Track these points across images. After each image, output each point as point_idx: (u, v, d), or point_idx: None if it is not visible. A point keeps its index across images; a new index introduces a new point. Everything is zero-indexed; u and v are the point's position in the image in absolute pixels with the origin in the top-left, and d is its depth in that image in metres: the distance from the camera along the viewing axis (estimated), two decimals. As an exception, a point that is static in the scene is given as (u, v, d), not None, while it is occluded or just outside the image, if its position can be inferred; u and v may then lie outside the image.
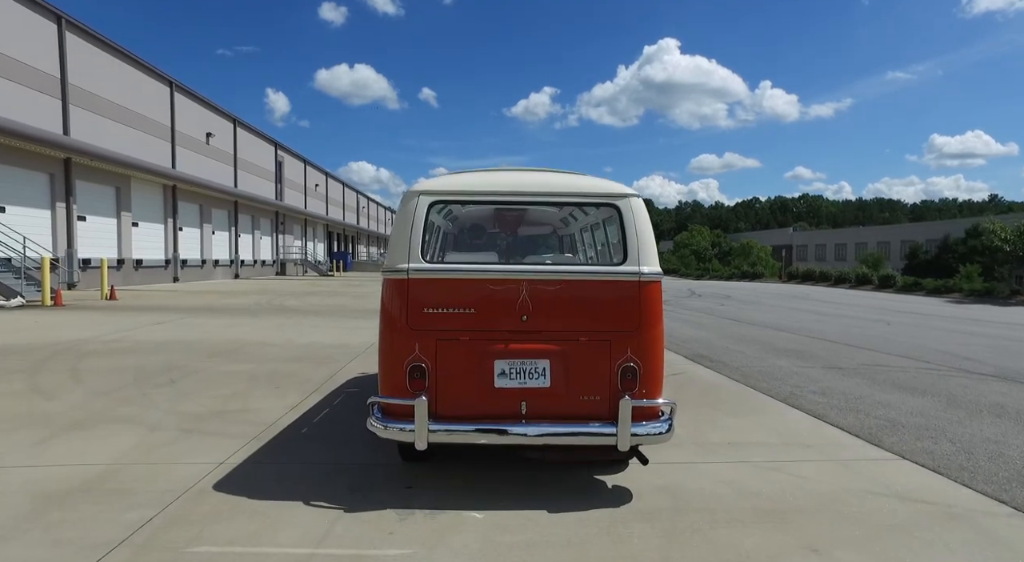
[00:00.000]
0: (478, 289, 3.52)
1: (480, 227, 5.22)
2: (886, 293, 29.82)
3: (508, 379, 3.46)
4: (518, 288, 3.50)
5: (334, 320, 13.05)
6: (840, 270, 38.24)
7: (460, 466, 4.02)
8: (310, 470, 3.96)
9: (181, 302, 17.12)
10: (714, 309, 18.02)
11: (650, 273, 3.57)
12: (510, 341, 3.48)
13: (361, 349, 8.85)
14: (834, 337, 11.41)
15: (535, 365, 3.48)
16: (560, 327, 3.52)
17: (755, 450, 4.50)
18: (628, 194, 3.73)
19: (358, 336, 10.21)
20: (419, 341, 3.48)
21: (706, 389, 6.61)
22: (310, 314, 14.32)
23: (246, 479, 3.76)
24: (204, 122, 33.11)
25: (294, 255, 47.26)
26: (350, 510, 3.31)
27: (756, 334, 11.81)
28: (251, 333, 10.52)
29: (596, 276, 3.61)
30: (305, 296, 20.68)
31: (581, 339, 3.50)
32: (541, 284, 3.52)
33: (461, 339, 3.49)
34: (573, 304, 3.53)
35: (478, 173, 4.12)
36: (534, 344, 3.49)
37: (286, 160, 47.86)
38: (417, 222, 3.59)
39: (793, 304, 20.84)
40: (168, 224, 28.98)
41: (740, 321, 14.47)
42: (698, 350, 9.57)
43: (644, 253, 3.57)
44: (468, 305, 3.51)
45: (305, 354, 8.41)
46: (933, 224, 79.82)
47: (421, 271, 3.53)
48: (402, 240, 3.57)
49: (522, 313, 3.50)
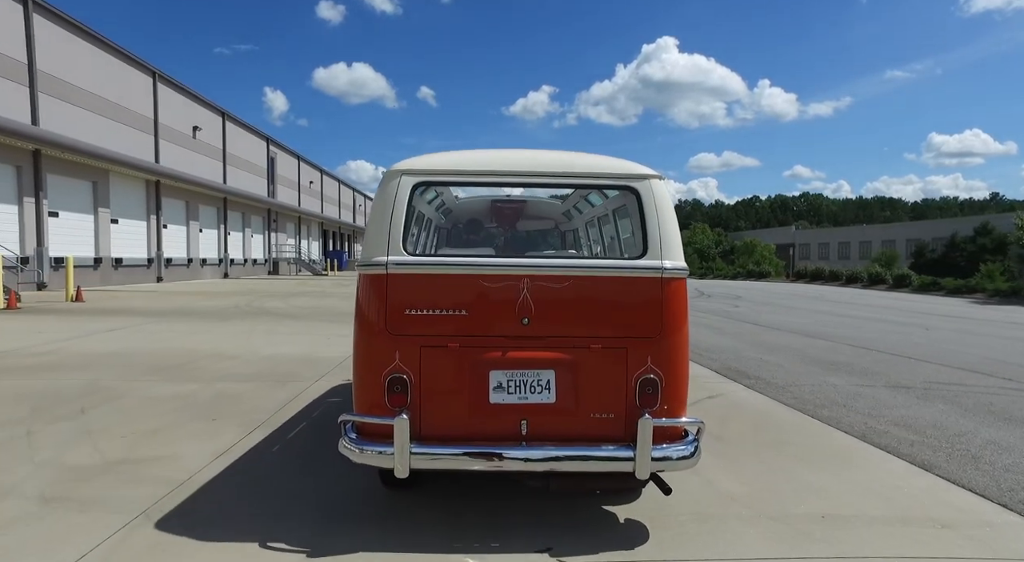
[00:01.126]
0: (471, 287, 2.93)
1: (476, 222, 4.60)
2: (901, 293, 28.51)
3: (506, 393, 2.90)
4: (518, 286, 2.92)
5: (312, 325, 11.71)
6: (851, 269, 36.90)
7: (450, 496, 3.41)
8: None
9: (153, 304, 15.77)
10: (729, 311, 16.69)
11: (674, 269, 2.98)
12: (508, 348, 2.92)
13: (333, 363, 7.51)
14: (875, 345, 10.08)
15: (538, 377, 2.92)
16: (568, 332, 2.94)
17: (868, 534, 3.06)
18: (649, 175, 3.11)
19: (334, 346, 8.87)
20: (400, 349, 2.90)
21: (758, 420, 5.27)
22: (288, 318, 12.97)
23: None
24: (191, 115, 31.73)
25: (288, 254, 45.88)
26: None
27: (786, 341, 10.47)
28: (212, 342, 9.18)
29: (611, 272, 3.01)
30: (290, 297, 19.34)
31: (592, 346, 2.93)
32: (545, 281, 2.93)
33: (450, 346, 2.91)
34: (583, 305, 2.95)
35: (471, 151, 3.34)
36: (537, 352, 2.92)
37: (279, 156, 46.48)
38: (399, 207, 2.99)
39: (811, 305, 19.51)
40: (151, 221, 27.62)
41: (762, 325, 13.13)
42: (728, 362, 8.24)
43: (668, 245, 3.00)
44: (458, 306, 2.94)
45: (265, 370, 7.07)
46: (939, 222, 78.53)
47: (402, 265, 2.93)
48: (381, 228, 2.96)
49: (523, 315, 2.92)
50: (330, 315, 13.80)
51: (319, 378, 6.62)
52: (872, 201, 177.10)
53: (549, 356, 2.90)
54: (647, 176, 3.09)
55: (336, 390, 6.04)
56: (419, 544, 2.84)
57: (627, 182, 3.12)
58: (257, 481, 3.66)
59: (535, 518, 3.14)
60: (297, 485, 3.58)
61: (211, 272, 33.90)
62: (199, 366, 7.22)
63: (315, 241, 56.12)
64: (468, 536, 2.92)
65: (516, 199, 4.24)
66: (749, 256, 62.49)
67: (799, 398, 6.09)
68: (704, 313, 16.01)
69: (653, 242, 2.98)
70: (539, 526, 3.05)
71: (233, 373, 6.83)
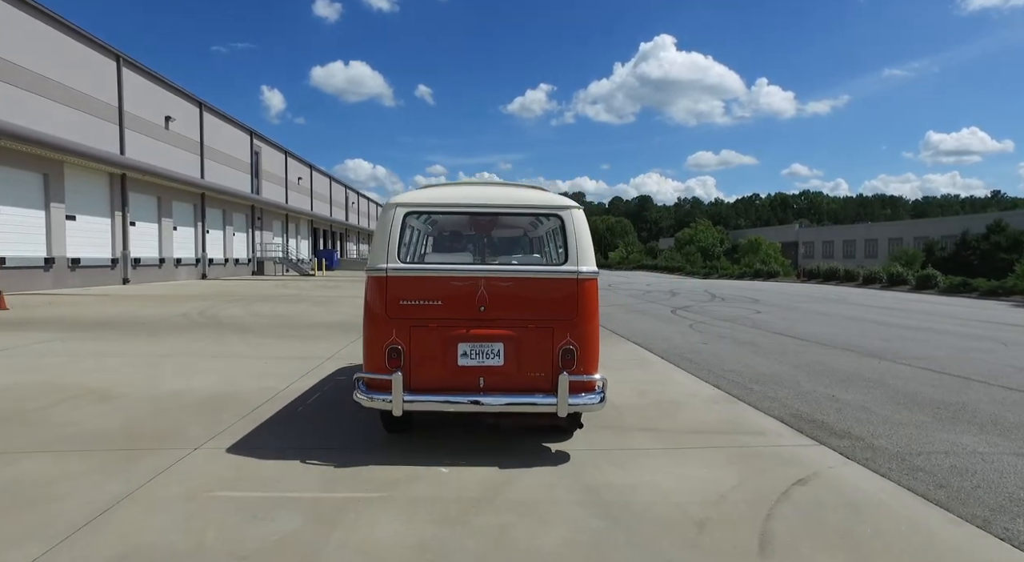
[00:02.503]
0: (444, 285, 4.16)
1: (458, 232, 5.68)
2: (927, 295, 26.39)
3: (469, 359, 4.14)
4: (477, 284, 4.15)
5: (259, 342, 9.56)
6: (869, 269, 34.69)
7: (431, 436, 4.67)
8: None
9: (89, 312, 13.59)
10: (752, 319, 14.54)
11: (587, 272, 4.19)
12: (470, 327, 4.14)
13: (248, 407, 5.37)
14: (966, 371, 7.93)
15: (491, 347, 4.15)
16: (512, 316, 4.15)
17: None
18: (569, 206, 4.38)
19: (267, 375, 6.74)
20: (396, 328, 4.12)
21: (912, 549, 3.09)
22: (236, 331, 10.81)
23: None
24: (163, 104, 29.51)
25: (274, 253, 43.64)
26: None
27: (851, 365, 8.32)
28: (109, 370, 7.02)
29: (541, 274, 4.27)
30: (257, 302, 17.16)
31: (529, 326, 4.16)
32: (495, 281, 4.17)
33: (430, 326, 4.14)
34: (523, 297, 4.17)
35: (447, 187, 4.85)
36: (490, 330, 4.14)
37: (264, 151, 44.25)
38: (394, 229, 4.21)
39: (840, 310, 17.36)
40: (116, 218, 25.40)
41: (803, 339, 10.99)
42: (792, 403, 6.07)
43: (583, 255, 4.19)
44: (436, 298, 4.16)
45: (135, 423, 4.91)
46: (947, 220, 76.42)
47: (398, 270, 4.17)
48: (382, 244, 4.20)
49: (480, 304, 4.14)
50: (291, 326, 11.64)
51: (205, 441, 4.45)
52: (873, 199, 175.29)
53: (499, 333, 4.15)
54: (568, 207, 4.38)
55: (227, 471, 3.88)
56: (409, 461, 4.10)
57: (554, 211, 4.42)
58: None
59: (490, 448, 4.45)
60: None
61: (187, 273, 31.72)
62: (47, 414, 5.07)
63: (304, 240, 53.92)
64: (443, 457, 4.20)
65: (499, 209, 4.73)
66: (755, 255, 60.35)
67: (948, 486, 3.90)
68: (725, 322, 13.86)
69: (572, 253, 4.22)
70: (492, 453, 4.31)
71: (80, 430, 4.66)
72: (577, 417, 4.53)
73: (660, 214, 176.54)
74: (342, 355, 8.35)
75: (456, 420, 4.92)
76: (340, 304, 17.12)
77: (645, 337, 10.96)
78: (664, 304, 19.06)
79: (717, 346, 9.99)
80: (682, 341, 10.51)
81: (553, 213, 4.41)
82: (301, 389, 6.24)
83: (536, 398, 4.09)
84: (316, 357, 8.15)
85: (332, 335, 10.38)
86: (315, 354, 8.41)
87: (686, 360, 8.49)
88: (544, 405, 4.05)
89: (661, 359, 8.59)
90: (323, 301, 18.10)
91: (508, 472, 3.93)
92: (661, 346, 9.83)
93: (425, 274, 4.21)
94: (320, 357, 8.17)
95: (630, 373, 7.40)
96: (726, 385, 6.83)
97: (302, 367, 7.40)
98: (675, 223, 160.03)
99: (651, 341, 10.42)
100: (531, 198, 4.51)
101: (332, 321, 12.67)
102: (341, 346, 9.12)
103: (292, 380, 6.64)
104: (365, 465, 4.00)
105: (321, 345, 9.21)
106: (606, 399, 4.14)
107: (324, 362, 7.80)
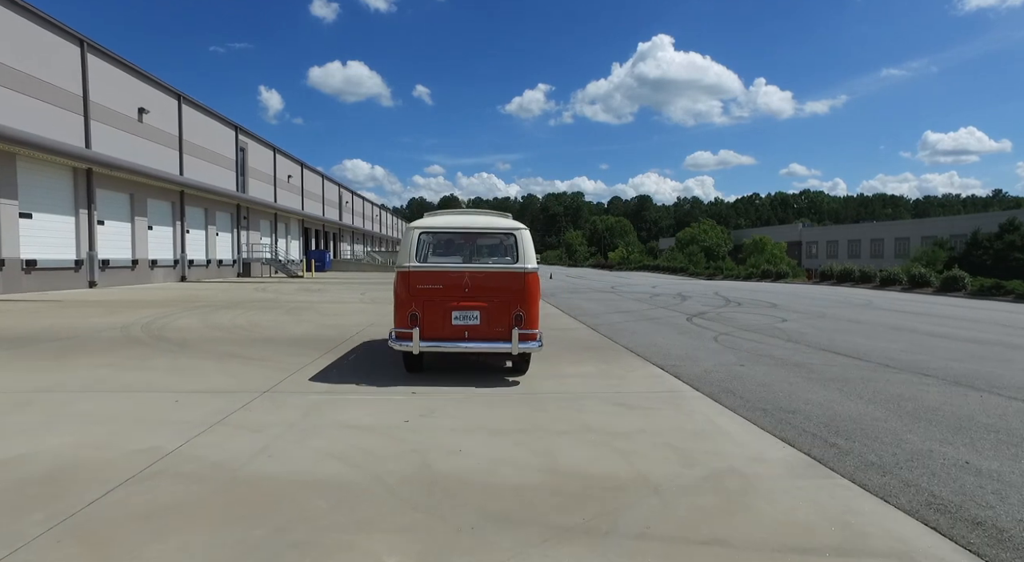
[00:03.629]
0: (443, 276, 6.72)
1: (451, 241, 7.46)
2: (955, 298, 24.52)
3: (459, 320, 6.63)
4: (463, 275, 6.71)
5: (192, 364, 7.63)
6: (887, 269, 32.73)
7: (432, 372, 7.38)
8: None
9: (13, 324, 11.65)
10: (783, 329, 12.64)
11: (531, 268, 6.72)
12: (459, 301, 6.63)
13: (89, 496, 3.45)
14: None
15: (472, 313, 6.64)
16: (485, 294, 6.67)
17: None
18: (520, 228, 6.95)
19: (169, 424, 4.83)
20: (414, 301, 6.62)
21: None
22: (171, 350, 8.88)
23: None
24: (135, 95, 27.55)
25: (262, 254, 41.63)
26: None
27: (944, 400, 6.40)
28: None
29: (501, 269, 6.80)
30: (222, 310, 15.22)
31: (495, 300, 6.66)
32: (474, 273, 6.74)
33: (435, 300, 6.64)
34: (492, 283, 6.70)
35: (446, 216, 7.48)
36: (472, 303, 6.64)
37: (250, 147, 42.28)
38: (413, 242, 6.81)
39: (873, 317, 15.45)
40: (81, 216, 23.45)
41: (855, 358, 9.08)
42: (914, 476, 4.12)
43: (528, 258, 6.75)
44: (438, 283, 6.69)
45: None
46: (956, 218, 74.41)
47: (416, 267, 6.72)
48: (406, 251, 6.79)
49: (465, 288, 6.67)
50: (243, 342, 9.71)
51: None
52: (873, 199, 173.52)
53: (477, 304, 6.62)
54: (519, 228, 6.92)
55: None
56: (417, 385, 6.62)
57: (510, 231, 6.95)
58: None
59: (469, 379, 6.96)
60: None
61: (165, 275, 29.78)
62: None
63: (295, 240, 51.96)
64: (440, 384, 6.69)
65: (476, 230, 7.31)
66: (760, 255, 58.43)
67: None
68: (753, 333, 11.94)
69: (520, 257, 6.75)
70: (471, 378, 6.99)
71: None
72: (527, 357, 7.20)
73: (660, 214, 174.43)
74: (283, 388, 6.43)
75: (451, 362, 7.98)
76: (314, 312, 15.18)
77: (667, 356, 9.05)
78: (676, 310, 17.16)
79: (758, 369, 8.08)
80: (714, 362, 8.60)
81: (509, 232, 6.97)
82: (194, 454, 4.33)
83: (500, 344, 6.65)
84: (248, 390, 6.24)
85: (284, 355, 8.46)
86: (249, 385, 6.49)
87: (728, 393, 6.58)
88: (504, 348, 6.64)
89: (695, 391, 6.67)
90: (297, 308, 16.17)
91: (480, 390, 6.46)
92: (690, 370, 7.92)
93: (431, 269, 6.77)
94: (253, 390, 6.25)
95: (661, 417, 5.50)
96: (800, 438, 4.92)
97: (220, 408, 5.49)
98: (675, 223, 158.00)
99: (676, 363, 8.51)
100: (496, 223, 7.21)
101: (294, 335, 10.75)
102: (288, 373, 7.20)
103: (191, 434, 4.73)
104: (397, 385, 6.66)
105: (262, 373, 7.28)
106: (543, 344, 6.91)
107: (254, 399, 5.89)
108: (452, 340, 6.64)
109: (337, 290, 25.17)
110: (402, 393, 6.23)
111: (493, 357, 7.95)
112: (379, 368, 7.59)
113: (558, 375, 7.37)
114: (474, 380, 6.89)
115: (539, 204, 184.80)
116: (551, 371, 7.58)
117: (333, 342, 9.82)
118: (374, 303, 18.30)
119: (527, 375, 7.28)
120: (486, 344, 6.65)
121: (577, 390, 6.57)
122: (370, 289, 25.83)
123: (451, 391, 6.33)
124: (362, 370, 7.45)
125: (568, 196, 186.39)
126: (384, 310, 15.98)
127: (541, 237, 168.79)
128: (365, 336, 10.59)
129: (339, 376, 7.07)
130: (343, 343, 9.73)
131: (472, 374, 7.27)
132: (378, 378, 6.97)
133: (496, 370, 7.52)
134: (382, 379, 6.93)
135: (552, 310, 16.94)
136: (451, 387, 6.51)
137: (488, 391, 6.37)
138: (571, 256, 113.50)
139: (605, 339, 10.88)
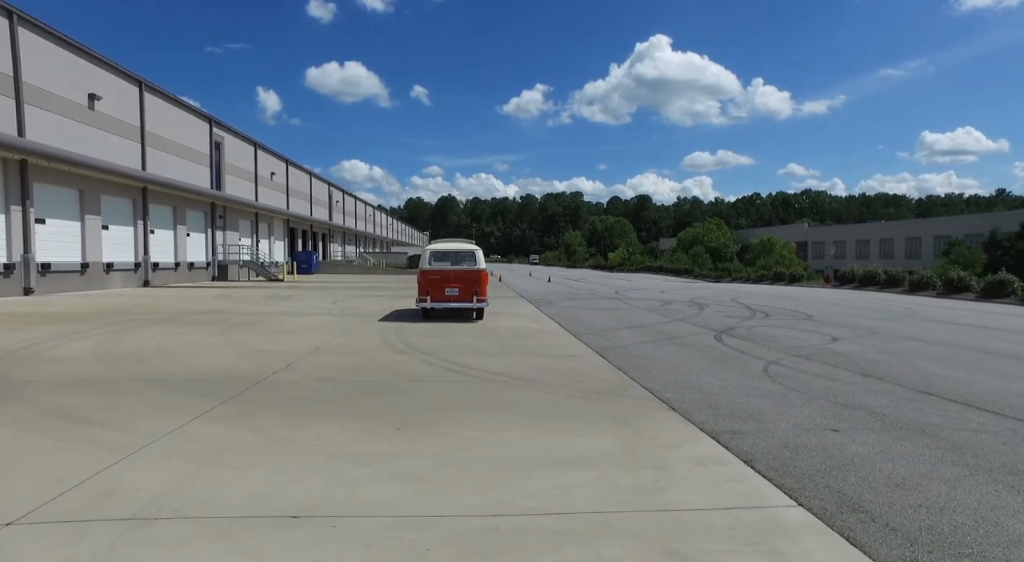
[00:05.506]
0: (440, 272, 14.22)
1: (445, 254, 14.62)
2: (1005, 305, 21.74)
3: (449, 292, 14.08)
4: (450, 272, 14.23)
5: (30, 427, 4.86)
6: (918, 272, 29.89)
7: (437, 320, 14.11)
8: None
9: None
10: (843, 354, 9.83)
11: (481, 268, 14.40)
12: (448, 284, 14.10)
13: None
14: None
15: (454, 290, 14.07)
16: (461, 281, 14.15)
17: None
18: (476, 249, 14.87)
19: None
20: (427, 284, 14.13)
21: None
22: (36, 405, 6.08)
23: None
24: (85, 79, 24.69)
25: (240, 256, 38.66)
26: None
27: None
28: None
29: (467, 269, 14.31)
30: (147, 327, 12.38)
31: (465, 283, 14.13)
32: (456, 271, 14.26)
33: (437, 283, 14.11)
34: (463, 276, 14.20)
35: (441, 242, 15.61)
36: (454, 284, 14.09)
37: (227, 141, 39.41)
38: (427, 257, 14.53)
39: (932, 333, 12.64)
40: (13, 214, 20.61)
41: (975, 406, 6.29)
42: None
43: (480, 263, 14.46)
44: (438, 275, 14.17)
45: None
46: (970, 218, 71.64)
47: (427, 268, 14.33)
48: (424, 260, 14.47)
49: (451, 277, 14.21)
50: (109, 387, 6.86)
51: None
52: (875, 198, 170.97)
53: (457, 285, 14.18)
54: (476, 249, 14.89)
55: None
56: (427, 322, 13.70)
57: (472, 249, 14.84)
58: None
59: (454, 324, 13.58)
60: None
61: (124, 279, 26.92)
62: None
63: (280, 241, 49.09)
64: (442, 323, 13.53)
65: (455, 250, 14.88)
66: (769, 256, 55.65)
67: None
68: (807, 361, 9.09)
69: (476, 262, 14.52)
70: (454, 322, 13.78)
71: None
72: (482, 311, 14.64)
73: (659, 214, 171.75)
74: (47, 514, 3.62)
75: (446, 315, 14.81)
76: (258, 329, 12.37)
77: (715, 410, 6.23)
78: (697, 324, 14.36)
79: (860, 436, 5.27)
80: (790, 423, 5.77)
81: (471, 251, 14.72)
82: None
83: (469, 303, 14.10)
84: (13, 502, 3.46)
85: (143, 414, 5.64)
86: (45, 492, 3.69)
87: (856, 510, 3.76)
88: (471, 306, 14.19)
89: (795, 505, 3.85)
90: (242, 323, 13.35)
91: (460, 324, 13.49)
92: (763, 445, 5.08)
93: (435, 269, 14.26)
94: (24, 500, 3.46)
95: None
96: None
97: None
98: (675, 223, 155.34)
99: (735, 425, 5.68)
100: (465, 246, 14.96)
101: (199, 370, 7.92)
102: (125, 453, 4.37)
103: None
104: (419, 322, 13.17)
105: (96, 453, 4.46)
106: (488, 303, 14.61)
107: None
108: (446, 301, 14.10)
109: (310, 297, 22.35)
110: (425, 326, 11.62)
111: (465, 311, 14.75)
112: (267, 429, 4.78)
113: (553, 461, 4.55)
114: (455, 323, 13.80)
115: (537, 204, 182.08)
116: (542, 446, 4.78)
117: (241, 383, 7.00)
118: (342, 315, 15.48)
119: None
120: (462, 304, 14.15)
121: (583, 505, 3.76)
122: (349, 296, 22.98)
123: (443, 326, 13.52)
124: (240, 443, 4.63)
125: (567, 196, 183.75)
126: (349, 324, 13.22)
127: (540, 237, 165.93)
128: (294, 372, 7.77)
129: (186, 464, 4.25)
130: (253, 387, 6.90)
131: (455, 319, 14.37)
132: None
133: (467, 318, 14.58)
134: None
135: (549, 324, 14.14)
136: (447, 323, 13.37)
137: (465, 325, 13.35)
138: (570, 257, 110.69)
139: (619, 374, 8.07)
